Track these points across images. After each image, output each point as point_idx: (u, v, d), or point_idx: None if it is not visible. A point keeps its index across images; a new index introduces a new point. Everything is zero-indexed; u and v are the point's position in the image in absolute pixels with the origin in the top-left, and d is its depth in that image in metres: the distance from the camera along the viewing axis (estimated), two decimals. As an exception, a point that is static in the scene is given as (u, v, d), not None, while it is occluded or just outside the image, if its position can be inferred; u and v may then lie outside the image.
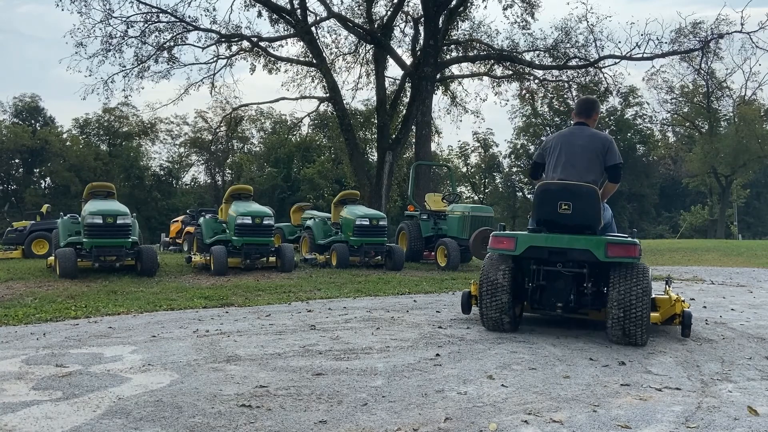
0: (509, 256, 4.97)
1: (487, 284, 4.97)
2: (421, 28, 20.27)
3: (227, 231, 10.83)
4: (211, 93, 23.51)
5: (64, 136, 51.02)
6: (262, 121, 51.84)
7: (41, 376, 3.52)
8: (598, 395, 3.20)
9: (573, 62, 20.64)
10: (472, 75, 23.84)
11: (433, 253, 12.61)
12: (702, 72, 22.57)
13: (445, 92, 25.26)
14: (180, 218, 19.36)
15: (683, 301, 5.02)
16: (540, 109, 46.74)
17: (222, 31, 19.96)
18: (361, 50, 23.54)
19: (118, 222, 9.41)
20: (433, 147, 26.94)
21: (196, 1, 45.35)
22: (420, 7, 20.11)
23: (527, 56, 21.37)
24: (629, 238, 4.69)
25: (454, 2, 19.77)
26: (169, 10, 18.89)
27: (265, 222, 10.47)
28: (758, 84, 34.27)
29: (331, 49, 23.15)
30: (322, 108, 24.95)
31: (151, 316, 6.04)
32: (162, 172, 53.20)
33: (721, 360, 4.07)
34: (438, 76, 21.35)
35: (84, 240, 9.46)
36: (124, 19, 18.58)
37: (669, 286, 5.69)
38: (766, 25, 18.11)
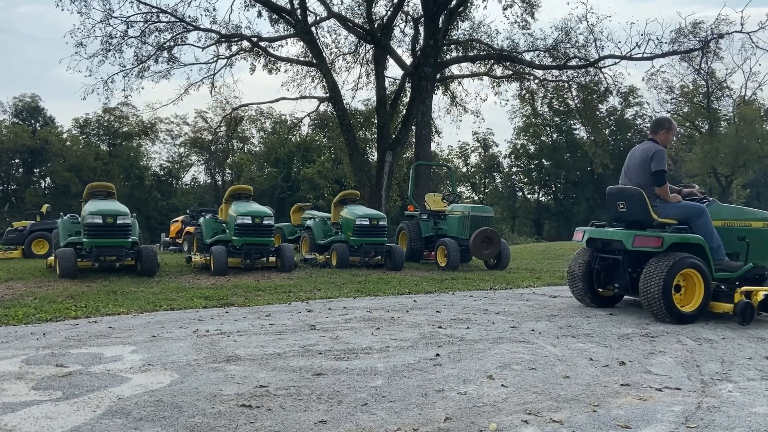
0: (588, 250, 6.41)
1: (569, 274, 6.64)
2: (421, 28, 20.26)
3: (227, 231, 10.82)
4: (211, 93, 23.49)
5: (64, 136, 51.01)
6: (262, 121, 51.82)
7: (41, 376, 3.52)
8: (598, 395, 3.20)
9: (573, 62, 20.63)
10: (472, 75, 23.82)
11: (433, 253, 12.60)
12: (702, 72, 22.54)
13: (445, 92, 25.24)
14: (180, 218, 19.36)
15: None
16: (540, 109, 46.69)
17: (222, 31, 19.95)
18: (361, 50, 23.52)
19: (118, 222, 9.41)
20: (433, 147, 26.89)
21: (196, 1, 45.23)
22: (420, 7, 20.10)
23: (527, 56, 21.36)
24: (656, 232, 5.67)
25: (454, 2, 19.76)
26: (169, 10, 18.88)
27: (265, 222, 10.47)
28: (758, 84, 34.13)
29: (331, 49, 23.14)
30: (322, 108, 24.93)
31: (151, 316, 6.04)
32: (162, 172, 53.20)
33: (721, 360, 4.07)
34: (438, 76, 21.33)
35: (84, 240, 9.45)
36: (124, 19, 18.57)
37: None
38: (766, 25, 18.09)
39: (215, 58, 21.18)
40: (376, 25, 21.10)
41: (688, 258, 5.51)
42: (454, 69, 24.15)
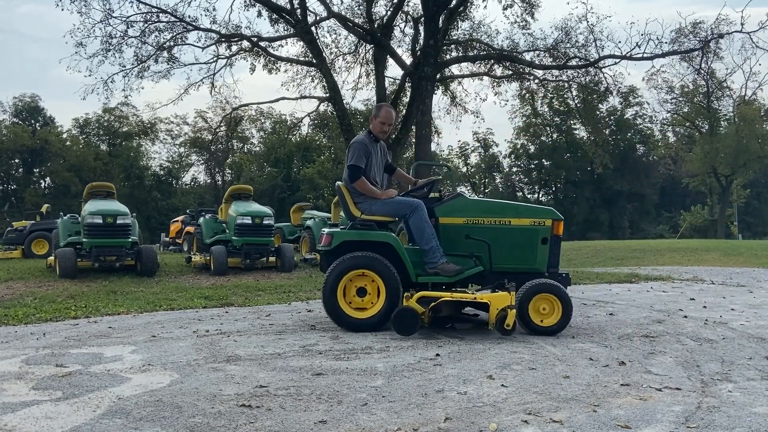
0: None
1: None
2: (421, 28, 20.25)
3: (227, 231, 10.83)
4: (211, 93, 23.43)
5: (64, 136, 51.04)
6: (262, 121, 51.85)
7: (41, 376, 3.52)
8: (598, 395, 3.20)
9: (573, 62, 20.61)
10: (472, 75, 23.80)
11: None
12: (702, 72, 22.51)
13: (445, 92, 25.22)
14: (180, 218, 19.37)
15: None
16: (540, 109, 46.72)
17: (222, 31, 19.92)
18: (361, 50, 23.50)
19: (118, 222, 9.42)
20: (433, 147, 26.86)
21: (196, 1, 45.12)
22: (420, 7, 20.08)
23: (527, 56, 21.33)
24: (336, 230, 5.35)
25: (454, 2, 19.74)
26: (169, 10, 18.85)
27: (265, 222, 10.48)
28: (758, 84, 34.09)
29: (331, 49, 23.11)
30: (322, 108, 24.91)
31: (151, 316, 6.04)
32: (162, 172, 53.22)
33: (721, 360, 4.07)
34: (438, 76, 21.31)
35: (84, 240, 9.46)
36: (124, 18, 18.54)
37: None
38: (766, 25, 18.06)
39: (215, 58, 21.17)
40: (376, 25, 21.08)
41: (362, 259, 5.00)
42: (454, 69, 24.14)
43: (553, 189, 55.80)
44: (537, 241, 5.31)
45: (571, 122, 49.08)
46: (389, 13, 21.47)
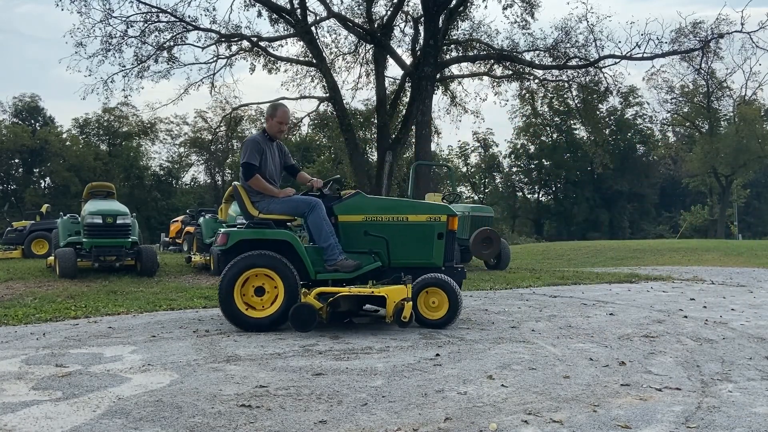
0: None
1: None
2: (421, 28, 20.25)
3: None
4: (210, 93, 23.46)
5: (64, 136, 51.05)
6: (262, 121, 51.79)
7: (41, 376, 3.52)
8: (598, 395, 3.20)
9: (573, 62, 20.60)
10: (472, 75, 23.79)
11: (433, 253, 12.58)
12: (702, 72, 22.54)
13: (445, 92, 25.21)
14: (180, 218, 19.36)
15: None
16: (540, 109, 46.71)
17: (222, 31, 19.93)
18: (361, 50, 23.50)
19: (117, 222, 9.42)
20: (433, 147, 26.88)
21: (196, 1, 45.12)
22: (420, 7, 20.08)
23: (527, 56, 21.33)
24: (233, 230, 5.30)
25: (454, 2, 19.74)
26: (169, 10, 18.86)
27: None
28: (758, 84, 34.10)
29: (331, 48, 23.10)
30: (322, 108, 24.91)
31: (151, 316, 6.04)
32: (162, 172, 53.22)
33: (721, 360, 4.07)
34: (438, 76, 21.31)
35: (84, 240, 9.46)
36: (123, 18, 18.55)
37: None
38: (766, 25, 18.06)
39: (215, 58, 21.17)
40: (376, 25, 21.08)
41: (260, 257, 4.97)
42: (454, 69, 24.14)
43: (553, 189, 55.80)
44: (433, 237, 5.43)
45: (571, 122, 49.07)
46: (389, 13, 21.48)
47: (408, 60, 21.61)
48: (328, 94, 20.39)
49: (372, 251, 5.33)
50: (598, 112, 30.33)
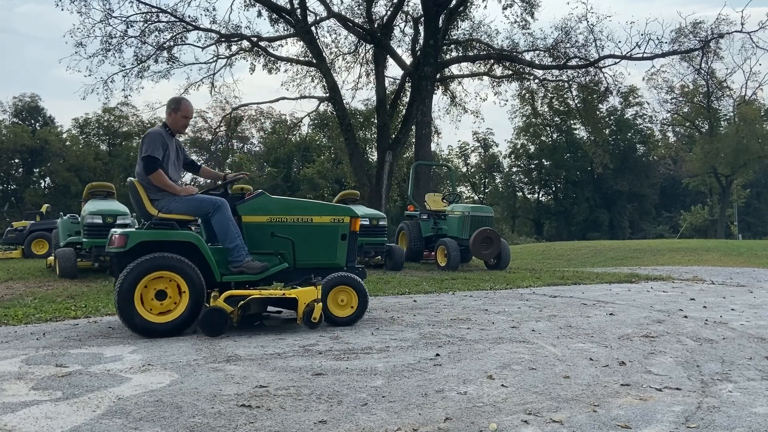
0: None
1: None
2: (421, 28, 20.27)
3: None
4: (210, 93, 23.52)
5: (64, 135, 51.07)
6: (262, 121, 51.86)
7: (41, 376, 3.52)
8: (598, 395, 3.20)
9: (573, 62, 20.63)
10: (472, 75, 23.82)
11: (433, 253, 12.61)
12: (702, 72, 22.58)
13: (445, 92, 25.25)
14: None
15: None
16: (540, 109, 46.70)
17: (222, 31, 19.96)
18: (361, 50, 23.53)
19: (118, 222, 9.42)
20: (433, 147, 26.89)
21: (196, 1, 45.24)
22: (420, 7, 20.10)
23: (527, 56, 21.37)
24: (131, 231, 4.97)
25: (454, 2, 19.76)
26: (169, 10, 18.89)
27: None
28: (758, 84, 34.10)
29: (331, 48, 23.14)
30: (322, 108, 24.95)
31: (151, 316, 6.03)
32: (162, 172, 53.14)
33: (721, 360, 4.07)
34: (438, 75, 21.33)
35: (84, 240, 9.46)
36: (123, 18, 18.59)
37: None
38: (766, 24, 18.10)
39: (215, 58, 21.21)
40: (376, 25, 21.10)
41: (162, 260, 4.73)
42: (454, 69, 24.17)
43: (553, 189, 55.81)
44: (337, 238, 5.48)
45: (571, 122, 49.10)
46: (389, 13, 21.50)
47: (408, 60, 21.64)
48: (328, 94, 20.41)
49: (278, 252, 5.27)
50: (598, 112, 30.37)
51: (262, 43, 20.91)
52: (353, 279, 5.25)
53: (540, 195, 57.17)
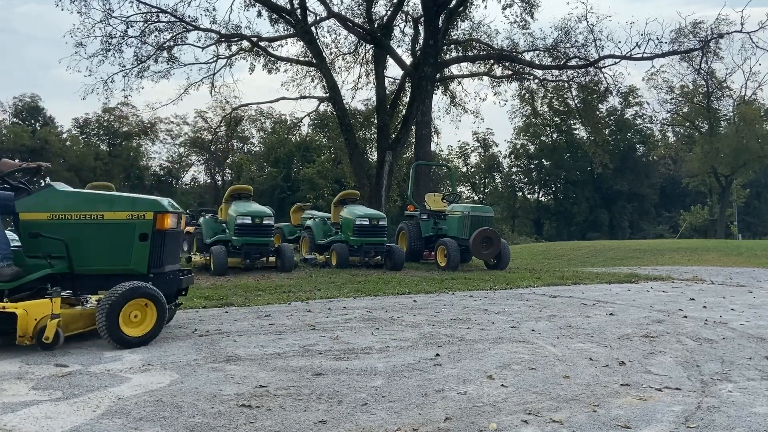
0: None
1: None
2: (421, 28, 20.27)
3: (227, 231, 10.83)
4: (210, 93, 23.49)
5: (64, 135, 51.02)
6: (262, 121, 51.81)
7: (41, 376, 3.52)
8: (598, 395, 3.20)
9: (573, 62, 20.63)
10: (472, 75, 23.83)
11: (433, 253, 12.61)
12: (702, 72, 22.58)
13: (445, 92, 25.25)
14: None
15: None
16: (540, 109, 46.68)
17: (222, 31, 19.95)
18: (360, 50, 23.53)
19: (264, 222, 9.82)
20: (433, 147, 26.92)
21: (196, 1, 45.21)
22: (420, 7, 20.10)
23: (527, 56, 21.37)
24: None
25: (454, 2, 19.76)
26: (168, 10, 18.89)
27: (265, 222, 10.48)
28: (758, 84, 34.14)
29: (330, 49, 23.14)
30: (322, 108, 24.96)
31: (151, 316, 6.03)
32: (162, 172, 53.17)
33: (721, 360, 4.07)
34: (438, 76, 21.33)
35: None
36: (123, 18, 18.59)
37: None
38: (766, 24, 18.11)
39: (215, 58, 21.21)
40: (376, 25, 21.10)
41: None
42: (454, 69, 24.18)
43: (553, 189, 55.80)
44: (133, 238, 4.59)
45: (571, 122, 49.07)
46: (389, 13, 21.50)
47: (408, 60, 21.65)
48: (328, 94, 20.41)
49: (51, 255, 4.44)
50: (598, 112, 30.39)
51: (262, 43, 20.92)
52: (148, 289, 4.36)
53: (540, 195, 57.15)
